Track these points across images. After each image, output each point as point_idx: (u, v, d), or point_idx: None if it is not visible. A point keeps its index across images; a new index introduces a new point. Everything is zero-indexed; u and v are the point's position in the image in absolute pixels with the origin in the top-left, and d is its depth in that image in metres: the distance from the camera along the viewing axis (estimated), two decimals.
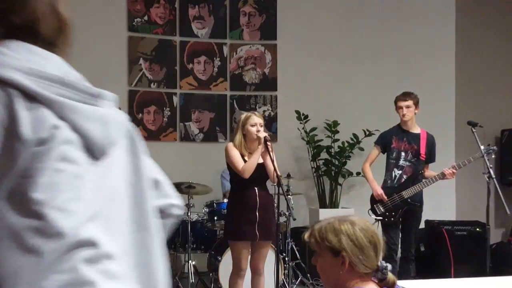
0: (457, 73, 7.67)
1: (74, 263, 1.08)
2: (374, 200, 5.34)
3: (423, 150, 5.30)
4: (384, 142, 5.47)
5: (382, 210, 5.26)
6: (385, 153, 5.47)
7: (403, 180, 5.29)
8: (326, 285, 2.04)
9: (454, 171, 5.10)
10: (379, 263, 1.94)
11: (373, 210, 5.32)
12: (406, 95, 5.33)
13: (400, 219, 5.28)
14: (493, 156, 4.92)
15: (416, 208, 5.28)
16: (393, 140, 5.38)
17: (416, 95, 5.37)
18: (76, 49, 5.19)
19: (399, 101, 5.33)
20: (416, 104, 5.34)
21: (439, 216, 6.75)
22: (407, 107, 5.28)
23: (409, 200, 5.20)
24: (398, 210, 5.23)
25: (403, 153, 5.33)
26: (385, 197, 5.24)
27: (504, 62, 7.82)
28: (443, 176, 5.12)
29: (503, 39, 7.83)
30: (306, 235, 2.03)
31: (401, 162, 5.33)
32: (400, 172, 5.32)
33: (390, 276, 1.96)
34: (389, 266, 1.94)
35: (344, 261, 1.92)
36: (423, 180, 5.22)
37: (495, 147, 5.02)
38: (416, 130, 5.40)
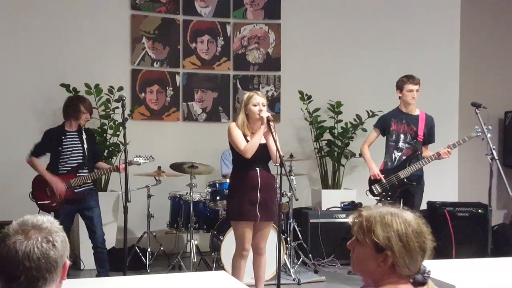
0: (462, 54, 7.62)
1: None
2: (372, 181, 5.38)
3: (421, 132, 5.32)
4: (383, 125, 5.49)
5: (379, 190, 5.30)
6: (385, 136, 5.48)
7: (402, 161, 5.31)
8: (356, 272, 1.87)
9: (449, 150, 5.12)
10: (422, 266, 1.80)
11: (370, 190, 5.37)
12: (414, 78, 5.33)
13: (401, 200, 5.30)
14: (489, 136, 4.89)
15: (413, 188, 5.30)
16: (392, 122, 5.39)
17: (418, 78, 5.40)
18: (79, 27, 5.21)
19: (409, 84, 5.31)
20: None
21: (441, 197, 6.76)
22: (417, 90, 5.32)
23: (405, 180, 5.23)
24: (395, 190, 5.25)
25: (402, 135, 5.35)
26: (382, 177, 5.26)
27: (509, 44, 7.78)
28: (438, 156, 5.13)
29: (508, 21, 7.77)
30: (351, 218, 1.86)
31: (401, 144, 5.35)
32: (399, 154, 5.35)
33: (431, 283, 1.81)
34: (431, 271, 1.80)
35: (386, 259, 1.75)
36: (419, 161, 5.23)
37: (490, 126, 4.99)
38: (415, 112, 5.42)
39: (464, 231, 6.38)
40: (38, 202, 5.11)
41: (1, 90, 6.42)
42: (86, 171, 5.12)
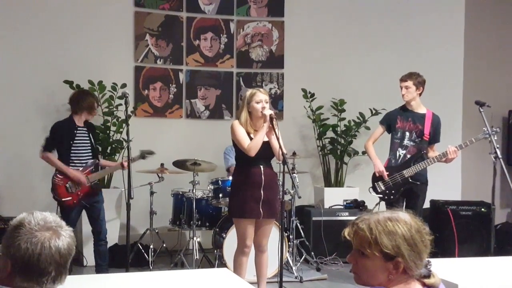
0: (466, 52, 7.60)
1: None
2: (375, 178, 5.34)
3: (427, 131, 5.27)
4: (389, 122, 5.45)
5: (383, 188, 5.27)
6: (390, 133, 5.45)
7: (406, 159, 5.28)
8: (364, 284, 1.79)
9: (457, 150, 5.07)
10: None
11: (373, 187, 5.33)
12: (407, 76, 5.28)
13: (404, 198, 5.28)
14: (495, 138, 4.87)
15: (417, 187, 5.26)
16: (398, 120, 5.35)
17: (418, 76, 5.28)
18: (82, 23, 5.22)
19: (400, 81, 5.32)
20: (418, 85, 5.26)
21: (444, 196, 6.75)
22: (406, 87, 5.25)
23: (409, 179, 5.20)
24: (399, 188, 5.22)
25: (407, 133, 5.31)
26: (386, 174, 5.24)
27: None
28: (444, 156, 5.08)
29: None
30: (346, 232, 1.80)
31: (406, 142, 5.32)
32: (404, 152, 5.31)
33: (437, 277, 1.81)
34: (431, 261, 1.80)
35: (398, 266, 1.73)
36: (425, 160, 5.20)
37: (498, 129, 4.97)
38: (421, 110, 5.36)
39: (467, 230, 6.37)
40: (63, 200, 5.05)
41: (5, 87, 6.42)
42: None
